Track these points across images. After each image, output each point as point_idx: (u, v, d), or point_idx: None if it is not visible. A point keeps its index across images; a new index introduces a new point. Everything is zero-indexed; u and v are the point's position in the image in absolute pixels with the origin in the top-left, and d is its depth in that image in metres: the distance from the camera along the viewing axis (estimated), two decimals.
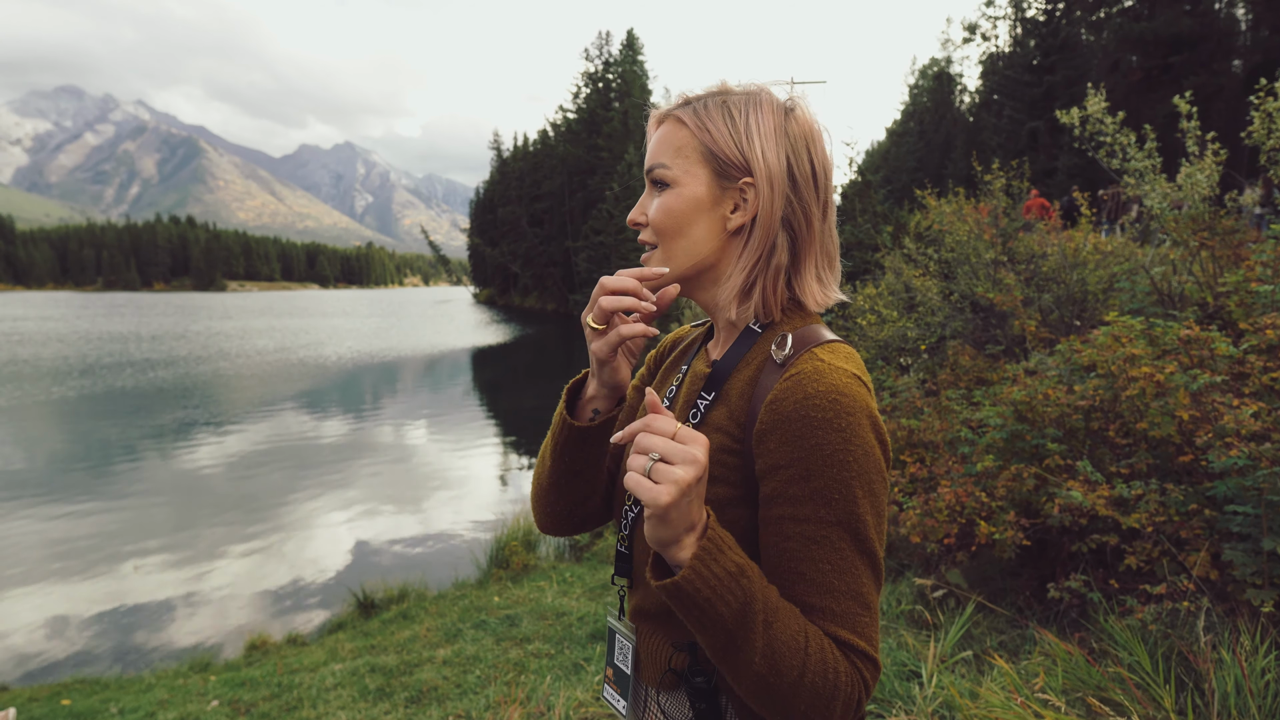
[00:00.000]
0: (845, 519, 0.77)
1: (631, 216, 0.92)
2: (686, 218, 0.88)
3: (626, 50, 58.35)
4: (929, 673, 2.71)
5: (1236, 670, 2.16)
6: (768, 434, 0.80)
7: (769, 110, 0.88)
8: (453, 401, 20.60)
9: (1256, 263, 4.10)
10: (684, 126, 0.89)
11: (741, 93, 0.90)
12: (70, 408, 18.31)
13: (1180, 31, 25.50)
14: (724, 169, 0.87)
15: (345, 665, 4.71)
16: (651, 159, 0.90)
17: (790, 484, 0.78)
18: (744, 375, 0.88)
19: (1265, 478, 2.52)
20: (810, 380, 0.79)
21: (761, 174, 0.86)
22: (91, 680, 5.58)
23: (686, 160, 0.88)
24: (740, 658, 0.73)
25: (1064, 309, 5.84)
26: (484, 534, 8.84)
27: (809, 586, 0.78)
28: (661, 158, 0.89)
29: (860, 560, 0.78)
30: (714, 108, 0.88)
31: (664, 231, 0.88)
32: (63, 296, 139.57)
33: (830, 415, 0.76)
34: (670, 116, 0.91)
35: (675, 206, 0.87)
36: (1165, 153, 5.96)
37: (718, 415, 0.88)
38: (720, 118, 0.87)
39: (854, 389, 0.79)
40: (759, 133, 0.86)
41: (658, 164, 0.89)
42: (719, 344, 0.96)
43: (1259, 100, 5.33)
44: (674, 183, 0.88)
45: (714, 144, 0.87)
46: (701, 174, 0.87)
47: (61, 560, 8.29)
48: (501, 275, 73.85)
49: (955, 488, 3.65)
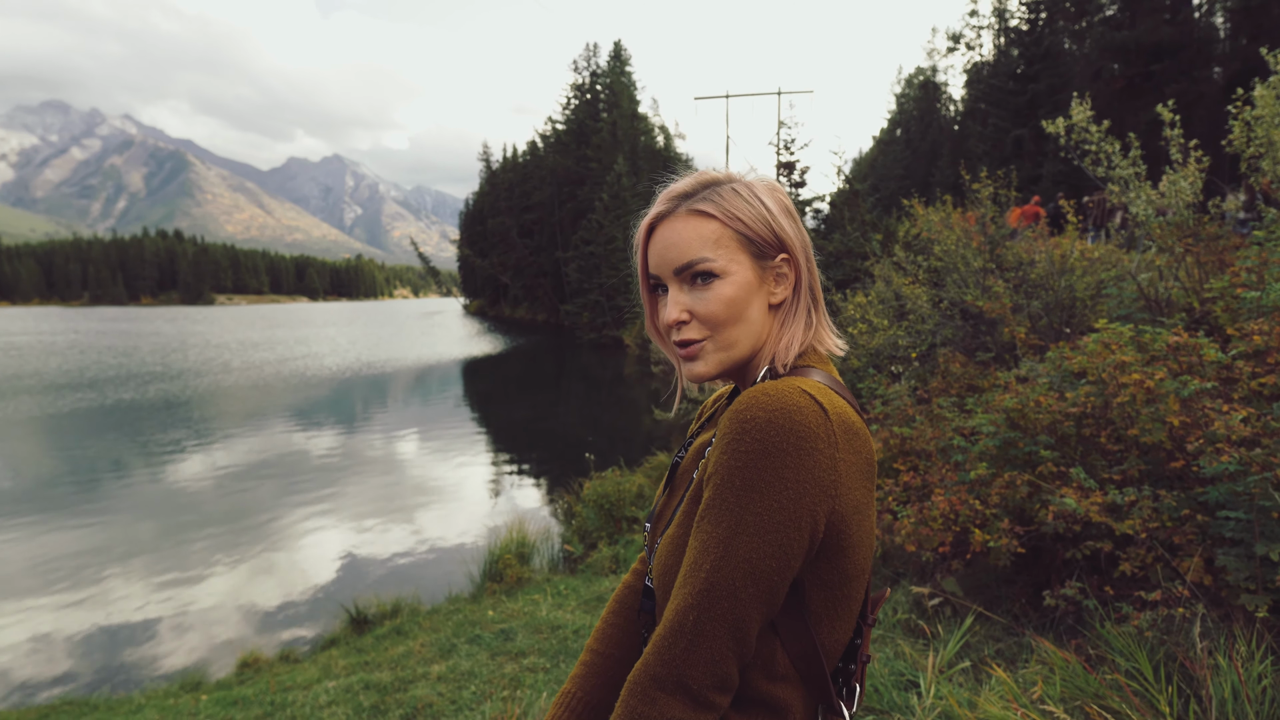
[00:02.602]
0: (731, 507, 0.77)
1: (672, 317, 0.91)
2: (744, 304, 0.90)
3: (614, 61, 58.60)
4: (927, 683, 2.71)
5: (1233, 676, 2.17)
6: (713, 449, 0.83)
7: (767, 190, 0.94)
8: (444, 413, 20.51)
9: (1241, 268, 4.15)
10: (711, 219, 0.90)
11: (729, 179, 0.93)
12: (56, 423, 18.11)
13: (1161, 40, 25.86)
14: (762, 250, 0.91)
15: (339, 682, 4.66)
16: (686, 255, 0.90)
17: (709, 485, 0.80)
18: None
19: (1256, 483, 2.54)
20: (750, 393, 0.81)
21: (794, 247, 0.92)
22: (80, 701, 5.49)
23: (727, 249, 0.90)
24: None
25: (1053, 315, 5.89)
26: (477, 547, 8.79)
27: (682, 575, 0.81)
28: (701, 252, 0.89)
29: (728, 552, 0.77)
30: (729, 195, 0.91)
31: (724, 322, 0.90)
32: (49, 312, 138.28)
33: (752, 413, 0.78)
34: (689, 212, 0.91)
35: (733, 295, 0.89)
36: (1149, 159, 6.03)
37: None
38: (743, 203, 0.91)
39: (793, 398, 0.79)
40: (777, 210, 0.92)
41: (699, 258, 0.89)
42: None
43: (1237, 109, 5.41)
44: (724, 273, 0.89)
45: (748, 229, 0.90)
46: (745, 259, 0.90)
47: (47, 577, 8.18)
48: (491, 286, 73.72)
49: (949, 495, 3.66)
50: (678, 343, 0.93)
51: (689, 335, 0.91)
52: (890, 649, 3.33)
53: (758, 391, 0.80)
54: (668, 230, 0.92)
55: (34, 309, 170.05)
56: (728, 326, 0.90)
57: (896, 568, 4.48)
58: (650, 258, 0.94)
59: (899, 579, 4.35)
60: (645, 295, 1.00)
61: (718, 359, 0.92)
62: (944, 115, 47.67)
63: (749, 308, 0.91)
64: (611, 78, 57.78)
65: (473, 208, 77.69)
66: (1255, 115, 5.32)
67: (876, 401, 5.95)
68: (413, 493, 11.88)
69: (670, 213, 0.92)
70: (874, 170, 49.39)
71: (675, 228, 0.91)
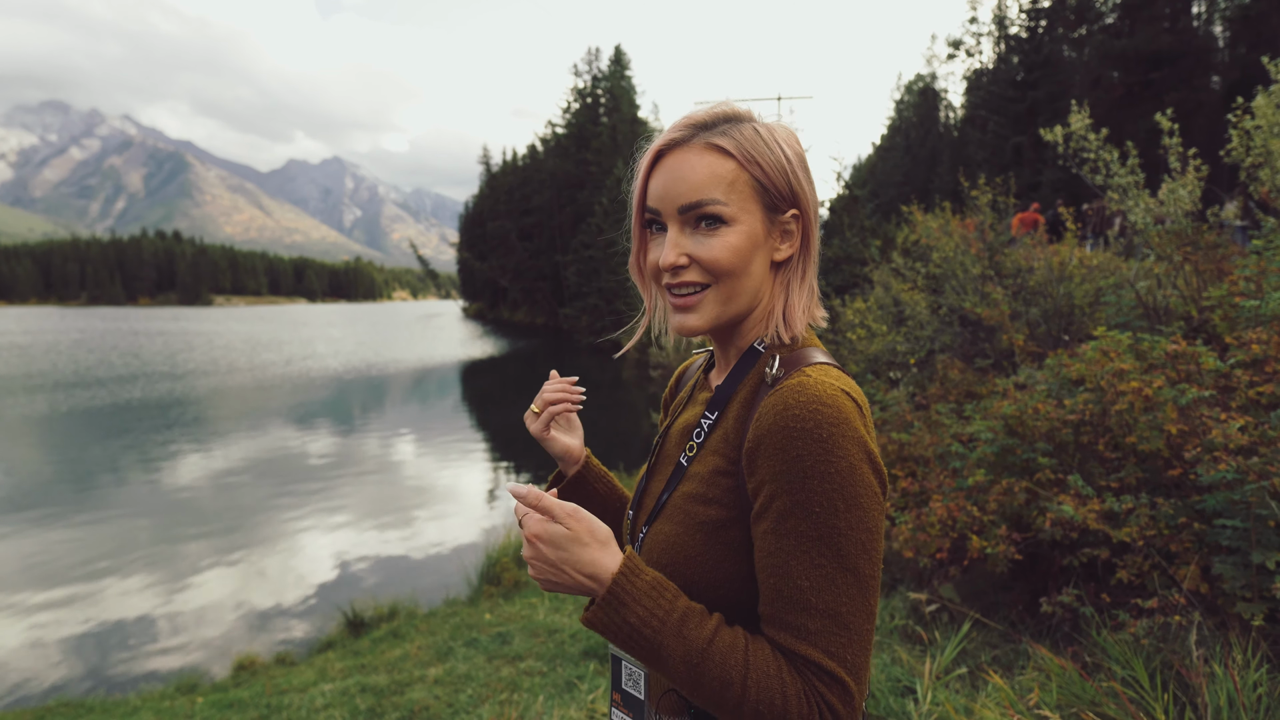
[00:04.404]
0: (825, 533, 0.73)
1: (669, 259, 0.83)
2: (749, 255, 0.84)
3: (614, 66, 58.69)
4: (924, 689, 2.71)
5: (1229, 684, 2.17)
6: (754, 451, 0.78)
7: (791, 137, 0.86)
8: (442, 415, 20.49)
9: (1240, 277, 4.16)
10: (730, 158, 0.82)
11: (753, 119, 0.86)
12: (65, 421, 18.08)
13: (1160, 48, 25.95)
14: (774, 202, 0.85)
15: (335, 685, 4.65)
16: (697, 193, 0.82)
17: (773, 498, 0.76)
18: (740, 397, 0.87)
19: (1253, 491, 2.54)
20: (792, 393, 0.77)
21: (806, 205, 0.86)
22: (75, 703, 5.47)
23: (741, 196, 0.82)
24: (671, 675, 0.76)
25: (1051, 323, 5.90)
26: (475, 550, 8.77)
27: (785, 603, 0.75)
28: (713, 192, 0.81)
29: (842, 576, 0.74)
30: (750, 135, 0.83)
31: (727, 272, 0.83)
32: (47, 312, 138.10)
33: (810, 425, 0.74)
34: (707, 145, 0.83)
35: (740, 245, 0.83)
36: (1147, 167, 6.06)
37: (715, 437, 0.88)
38: (765, 148, 0.83)
39: (838, 401, 0.76)
40: (797, 162, 0.85)
41: (710, 199, 0.81)
42: (721, 369, 0.96)
43: (1236, 119, 5.43)
44: (733, 220, 0.82)
45: (765, 177, 0.83)
46: (756, 209, 0.84)
47: (43, 578, 8.15)
48: (491, 289, 73.72)
49: (947, 502, 3.67)
50: (670, 287, 0.86)
51: (687, 279, 0.84)
52: (887, 655, 3.33)
53: (811, 400, 0.75)
54: (678, 161, 0.83)
55: (32, 309, 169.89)
56: (730, 278, 0.84)
57: (894, 574, 4.48)
58: (652, 189, 0.86)
59: (896, 585, 4.35)
60: (636, 230, 0.91)
61: (714, 312, 0.85)
62: (943, 122, 47.78)
63: (752, 262, 0.84)
64: (612, 82, 57.87)
65: (472, 211, 77.75)
66: (1254, 125, 5.34)
67: (875, 407, 5.96)
68: (410, 495, 11.86)
69: (683, 141, 0.84)
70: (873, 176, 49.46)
71: (688, 160, 0.82)
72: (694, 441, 0.91)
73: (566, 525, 0.77)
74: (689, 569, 0.84)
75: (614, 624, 0.76)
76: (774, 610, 0.76)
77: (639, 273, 0.95)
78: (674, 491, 0.90)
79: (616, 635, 0.77)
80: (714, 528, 0.83)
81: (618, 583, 0.76)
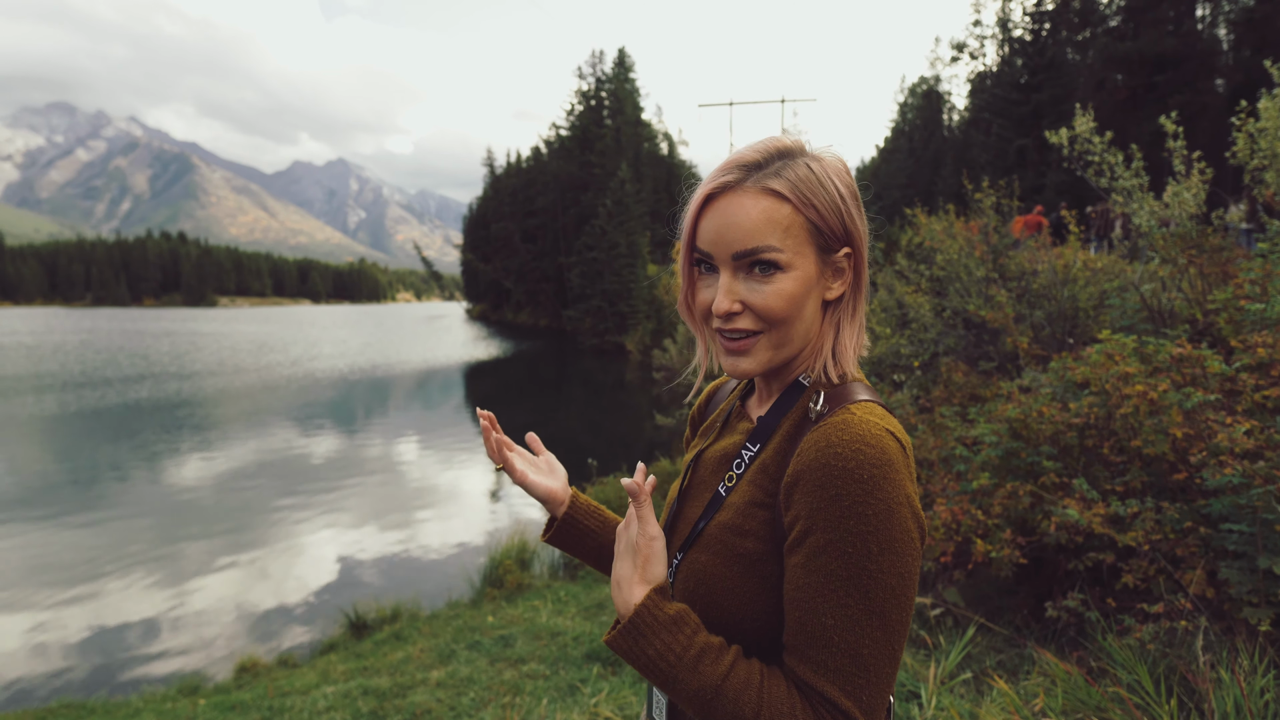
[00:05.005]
0: (856, 575, 0.73)
1: (722, 307, 0.82)
2: (803, 302, 0.83)
3: (618, 68, 58.75)
4: (929, 694, 2.70)
5: (1236, 690, 2.15)
6: (793, 485, 0.78)
7: (843, 171, 0.85)
8: (446, 417, 20.51)
9: (1245, 280, 4.14)
10: (785, 202, 0.81)
11: (805, 153, 0.85)
12: (62, 422, 18.13)
13: (1164, 51, 25.90)
14: (827, 243, 0.84)
15: (337, 688, 4.65)
16: (752, 239, 0.80)
17: (807, 534, 0.75)
18: (783, 430, 0.87)
19: (1259, 496, 2.53)
20: (836, 430, 0.76)
21: (860, 242, 0.86)
22: (77, 704, 5.48)
23: (796, 240, 0.82)
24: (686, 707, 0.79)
25: (1055, 326, 5.89)
26: (477, 552, 8.78)
27: (808, 637, 0.75)
28: (769, 239, 0.80)
29: (868, 620, 0.73)
30: (805, 175, 0.82)
31: (782, 319, 0.83)
32: (54, 312, 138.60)
33: (852, 465, 0.73)
34: (765, 190, 0.81)
35: (796, 292, 0.82)
36: (1152, 170, 6.04)
37: (754, 469, 0.88)
38: (820, 189, 0.82)
39: (883, 442, 0.75)
40: (850, 199, 0.84)
41: (765, 246, 0.80)
42: (762, 399, 0.95)
43: (1241, 121, 5.42)
44: (789, 266, 0.81)
45: (820, 220, 0.82)
46: (810, 252, 0.83)
47: (47, 578, 8.17)
48: (494, 291, 73.78)
49: (951, 505, 3.66)
50: (723, 332, 0.85)
51: (740, 327, 0.84)
52: None
53: (855, 439, 0.75)
54: (732, 205, 0.82)
55: (37, 309, 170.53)
56: (787, 325, 0.83)
57: None
58: (703, 232, 0.84)
59: None
60: (685, 268, 0.90)
61: (767, 357, 0.85)
62: (947, 125, 47.74)
63: (807, 305, 0.84)
64: (615, 84, 57.95)
65: (476, 212, 77.83)
66: (1259, 127, 5.33)
67: None
68: (413, 496, 11.87)
69: (735, 185, 0.82)
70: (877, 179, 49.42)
71: (743, 205, 0.81)
72: (734, 472, 0.91)
73: (638, 543, 0.84)
74: (725, 600, 0.84)
75: (632, 652, 0.80)
76: (797, 642, 0.76)
77: (688, 311, 0.94)
78: (711, 521, 0.90)
79: (634, 662, 0.81)
80: (750, 561, 0.83)
81: (639, 614, 0.80)
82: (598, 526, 1.14)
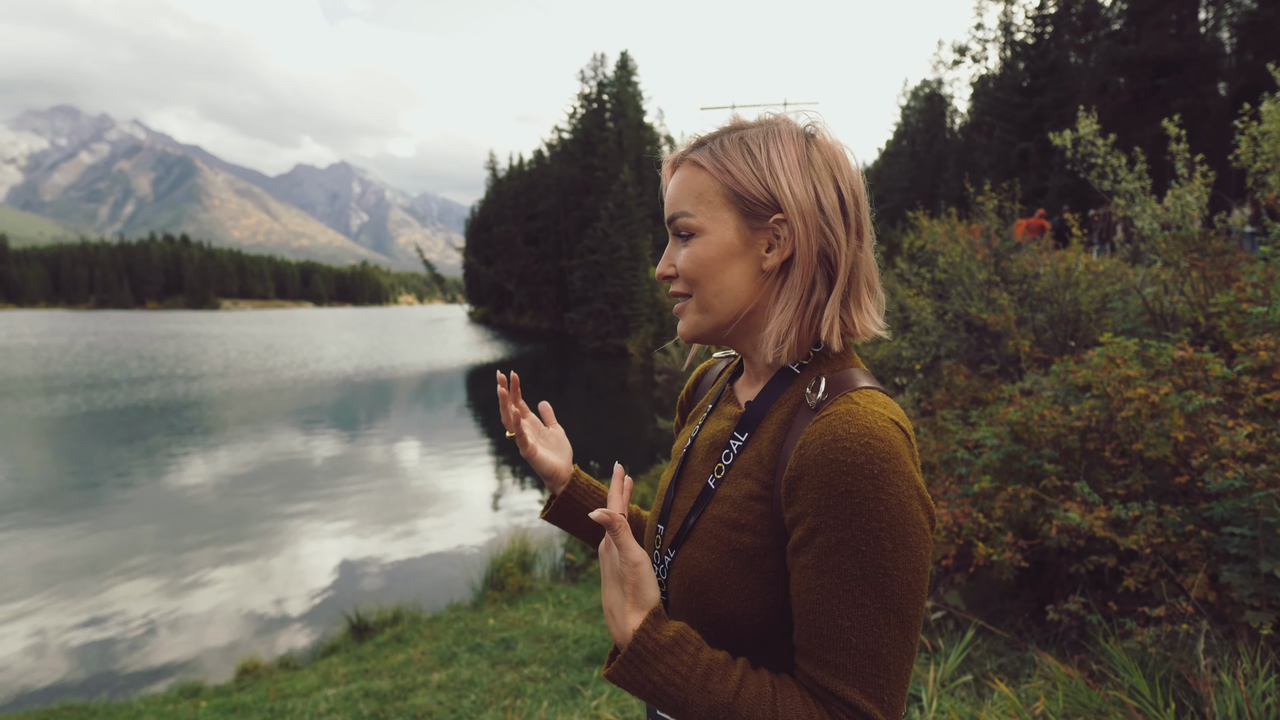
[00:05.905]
0: (871, 573, 0.71)
1: (660, 270, 0.89)
2: (718, 264, 0.84)
3: (620, 71, 58.83)
4: (929, 697, 2.69)
5: (1237, 694, 2.15)
6: (796, 480, 0.75)
7: (789, 140, 0.84)
8: (447, 420, 20.53)
9: (1247, 283, 4.14)
10: (702, 170, 0.85)
11: (758, 125, 0.86)
12: (72, 423, 18.18)
13: (1166, 54, 25.89)
14: (751, 209, 0.83)
15: (338, 690, 4.65)
16: (672, 208, 0.86)
17: (815, 533, 0.73)
18: (776, 418, 0.84)
19: (1261, 499, 2.53)
20: (842, 422, 0.74)
21: (792, 209, 0.82)
22: (79, 707, 5.48)
23: (710, 205, 0.84)
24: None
25: (1057, 329, 5.88)
26: (479, 555, 8.77)
27: (823, 640, 0.73)
28: (683, 205, 0.85)
29: (885, 617, 0.71)
30: (731, 146, 0.84)
31: (696, 280, 0.85)
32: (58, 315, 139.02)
33: (861, 460, 0.71)
34: (685, 161, 0.86)
35: (704, 254, 0.84)
36: (1154, 174, 6.03)
37: (747, 459, 0.85)
38: (740, 155, 0.83)
39: (890, 434, 0.73)
40: (783, 166, 0.83)
41: (679, 212, 0.85)
42: (750, 382, 0.93)
43: (1244, 125, 5.42)
44: (700, 230, 0.84)
45: (737, 184, 0.83)
46: (728, 218, 0.84)
47: (50, 580, 8.18)
48: (496, 294, 73.87)
49: (953, 508, 3.65)
50: (670, 296, 0.91)
51: (676, 290, 0.88)
52: None
53: (862, 433, 0.72)
54: (671, 178, 0.89)
55: (41, 312, 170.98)
56: (703, 286, 0.85)
57: None
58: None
59: None
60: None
61: (693, 320, 0.88)
62: (949, 128, 47.75)
63: (725, 271, 0.84)
64: (618, 87, 58.02)
65: (478, 215, 77.97)
66: (1262, 130, 5.32)
67: None
68: (415, 499, 11.88)
69: (679, 159, 0.88)
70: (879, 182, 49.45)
71: (676, 176, 0.88)
72: (722, 463, 0.88)
73: (622, 571, 0.80)
74: (724, 599, 0.82)
75: (636, 680, 0.76)
76: (810, 646, 0.74)
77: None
78: (702, 514, 0.88)
79: (640, 691, 0.77)
80: (749, 556, 0.81)
81: (638, 640, 0.76)
82: (595, 507, 1.15)
